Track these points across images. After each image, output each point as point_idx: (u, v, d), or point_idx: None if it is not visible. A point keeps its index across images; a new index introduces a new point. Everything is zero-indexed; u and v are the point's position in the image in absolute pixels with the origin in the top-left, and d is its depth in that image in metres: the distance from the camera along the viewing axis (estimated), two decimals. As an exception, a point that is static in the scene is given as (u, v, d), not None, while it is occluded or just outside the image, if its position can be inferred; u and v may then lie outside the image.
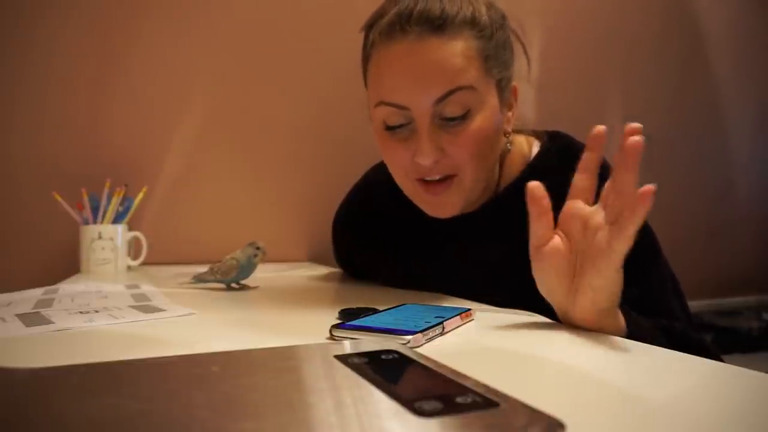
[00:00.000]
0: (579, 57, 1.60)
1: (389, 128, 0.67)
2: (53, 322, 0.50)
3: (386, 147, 0.69)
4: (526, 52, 0.75)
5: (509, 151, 0.75)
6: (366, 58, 0.71)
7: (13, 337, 0.45)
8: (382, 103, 0.66)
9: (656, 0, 1.70)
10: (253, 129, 1.31)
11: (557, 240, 0.48)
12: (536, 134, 0.78)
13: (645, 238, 0.68)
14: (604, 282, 0.45)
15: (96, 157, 1.18)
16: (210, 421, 0.22)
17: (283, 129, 1.33)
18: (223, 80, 1.28)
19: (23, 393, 0.25)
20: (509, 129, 0.72)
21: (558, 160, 0.72)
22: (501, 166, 0.76)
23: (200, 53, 1.25)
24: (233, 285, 0.76)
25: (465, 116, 0.64)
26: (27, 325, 0.49)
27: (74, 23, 1.17)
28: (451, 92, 0.63)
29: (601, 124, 0.89)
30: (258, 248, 0.75)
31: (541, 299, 0.51)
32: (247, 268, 0.75)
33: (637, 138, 0.44)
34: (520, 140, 0.77)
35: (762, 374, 0.33)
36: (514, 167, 0.75)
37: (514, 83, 0.71)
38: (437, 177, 0.67)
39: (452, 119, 0.64)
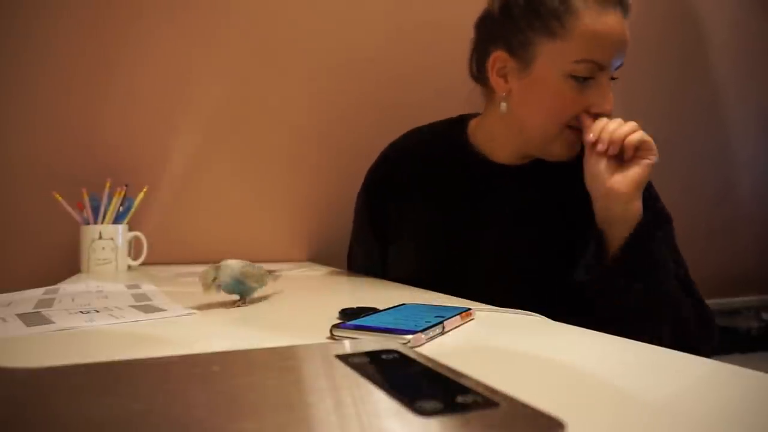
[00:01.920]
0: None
1: (578, 79, 0.79)
2: (54, 322, 0.50)
3: (566, 94, 0.79)
4: None
5: None
6: (560, 16, 0.78)
7: (13, 337, 0.45)
8: (589, 60, 0.78)
9: (657, 0, 1.69)
10: (254, 129, 1.31)
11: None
12: None
13: (658, 208, 0.86)
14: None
15: (96, 157, 1.18)
16: (210, 420, 0.22)
17: (283, 129, 1.32)
18: (224, 80, 1.28)
19: (23, 393, 0.25)
20: None
21: None
22: None
23: (201, 53, 1.25)
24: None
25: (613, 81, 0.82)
26: (28, 325, 0.49)
27: (76, 22, 1.16)
28: (622, 64, 0.82)
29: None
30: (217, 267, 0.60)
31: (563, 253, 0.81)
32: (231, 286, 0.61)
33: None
34: None
35: (762, 374, 0.33)
36: None
37: None
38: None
39: (612, 79, 0.82)
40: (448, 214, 0.90)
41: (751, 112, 1.83)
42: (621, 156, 0.76)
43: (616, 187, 0.74)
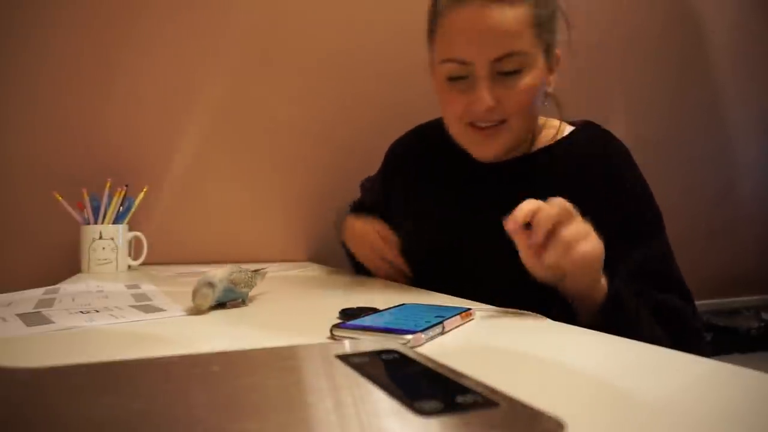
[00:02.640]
0: (580, 58, 1.59)
1: (451, 80, 0.77)
2: (54, 322, 0.50)
3: (446, 96, 0.79)
4: (567, 21, 0.83)
5: (546, 107, 0.84)
6: (434, 19, 0.79)
7: (14, 336, 0.45)
8: (448, 60, 0.76)
9: (658, 0, 1.70)
10: (254, 129, 1.31)
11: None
12: (571, 122, 0.88)
13: (650, 212, 0.79)
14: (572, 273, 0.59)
15: (97, 157, 1.18)
16: (210, 420, 0.22)
17: (283, 129, 1.33)
18: (224, 81, 1.28)
19: (23, 393, 0.25)
20: (550, 90, 0.82)
21: (587, 140, 0.84)
22: (536, 135, 0.86)
23: (201, 54, 1.25)
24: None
25: (518, 72, 0.75)
26: (28, 325, 0.49)
27: (77, 21, 1.16)
28: (507, 54, 0.73)
29: (603, 125, 0.90)
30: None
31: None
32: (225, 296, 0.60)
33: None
34: (556, 123, 0.87)
35: (762, 374, 0.33)
36: (548, 138, 0.85)
37: (557, 50, 0.81)
38: (488, 124, 0.77)
39: (507, 74, 0.74)
40: (444, 206, 0.89)
41: (752, 113, 1.83)
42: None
43: (546, 277, 0.61)
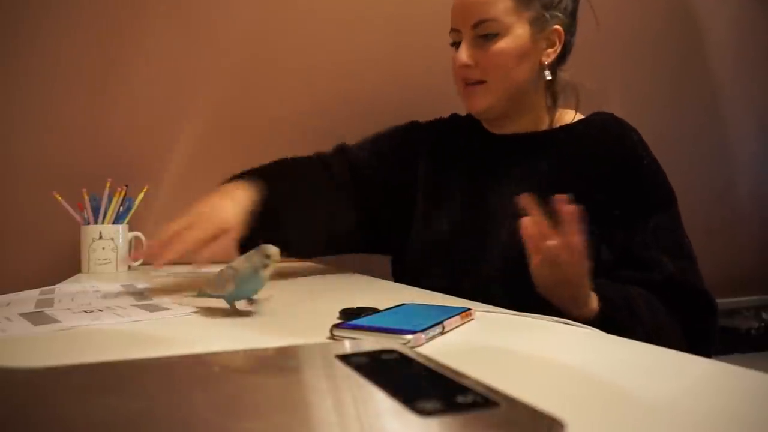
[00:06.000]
0: (578, 56, 1.59)
1: (453, 45, 0.92)
2: (60, 321, 0.50)
3: (452, 60, 0.92)
4: (591, 5, 0.98)
5: (549, 81, 0.93)
6: None
7: (17, 336, 0.45)
8: (450, 29, 0.92)
9: (656, -1, 1.70)
10: (253, 129, 1.31)
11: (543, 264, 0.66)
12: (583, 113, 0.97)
13: (664, 188, 0.92)
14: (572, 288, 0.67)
15: (97, 157, 1.18)
16: (211, 420, 0.22)
17: (283, 129, 1.32)
18: (223, 80, 1.27)
19: (24, 393, 0.25)
20: (546, 62, 0.91)
21: (603, 122, 0.95)
22: (552, 117, 0.96)
23: (201, 54, 1.25)
24: (236, 303, 0.58)
25: (493, 37, 0.87)
26: (35, 324, 0.49)
27: (76, 22, 1.16)
28: (482, 21, 0.87)
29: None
30: (268, 256, 0.54)
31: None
32: (252, 282, 0.55)
33: (569, 208, 0.60)
34: (572, 112, 0.97)
35: (762, 374, 0.33)
36: (565, 121, 0.95)
37: (557, 27, 0.90)
38: (471, 81, 0.90)
39: (484, 38, 0.87)
40: (467, 182, 0.96)
41: (750, 111, 1.83)
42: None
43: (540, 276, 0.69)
